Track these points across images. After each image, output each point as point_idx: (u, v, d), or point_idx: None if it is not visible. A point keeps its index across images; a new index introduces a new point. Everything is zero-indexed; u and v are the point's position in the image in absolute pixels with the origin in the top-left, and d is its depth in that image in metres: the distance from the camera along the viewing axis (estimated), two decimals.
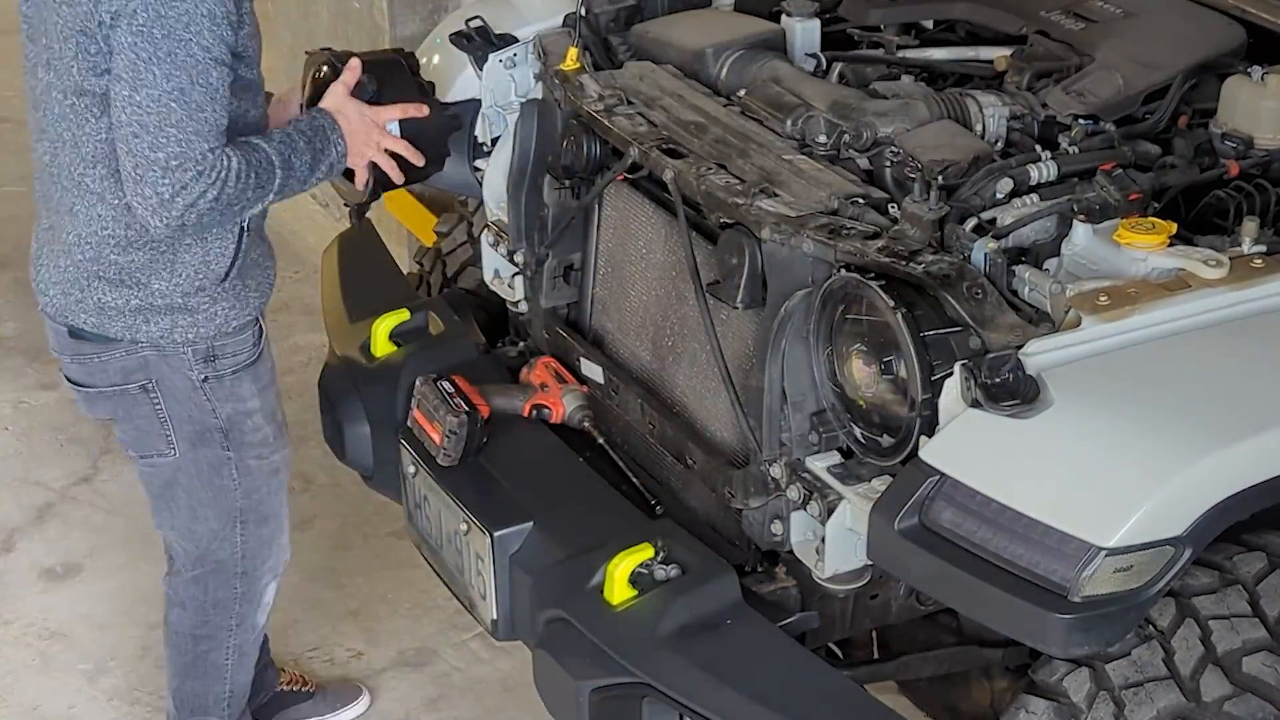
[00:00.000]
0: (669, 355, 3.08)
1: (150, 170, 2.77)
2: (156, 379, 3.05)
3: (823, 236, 2.63)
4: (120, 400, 3.09)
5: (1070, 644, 2.36)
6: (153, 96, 2.74)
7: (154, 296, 2.97)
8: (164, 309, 2.98)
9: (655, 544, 2.79)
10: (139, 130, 2.76)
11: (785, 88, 3.03)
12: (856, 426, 2.65)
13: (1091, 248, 2.60)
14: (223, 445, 3.12)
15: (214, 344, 3.04)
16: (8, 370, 5.02)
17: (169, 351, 3.02)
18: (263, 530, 3.24)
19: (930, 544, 2.42)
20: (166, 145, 2.75)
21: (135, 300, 2.97)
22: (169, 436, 3.11)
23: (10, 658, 3.94)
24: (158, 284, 2.97)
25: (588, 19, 3.32)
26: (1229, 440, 2.33)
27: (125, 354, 3.03)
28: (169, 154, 2.76)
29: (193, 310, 2.99)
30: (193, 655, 3.35)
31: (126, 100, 2.76)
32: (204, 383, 3.06)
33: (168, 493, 3.20)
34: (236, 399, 3.10)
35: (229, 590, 3.28)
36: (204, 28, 2.75)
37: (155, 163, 2.76)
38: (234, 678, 3.38)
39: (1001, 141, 2.89)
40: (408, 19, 5.11)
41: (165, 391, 3.06)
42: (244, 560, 3.25)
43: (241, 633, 3.34)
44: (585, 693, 2.70)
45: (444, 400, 3.08)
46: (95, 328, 3.00)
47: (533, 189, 3.26)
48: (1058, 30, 3.17)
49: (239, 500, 3.18)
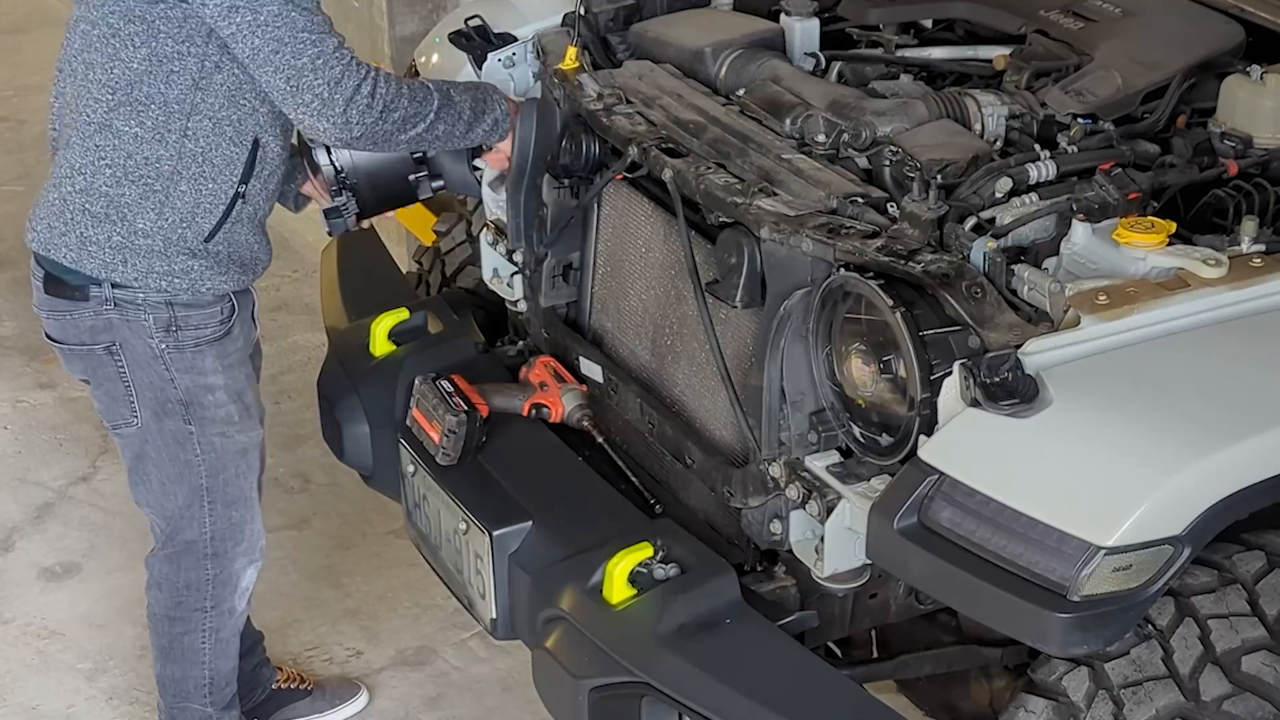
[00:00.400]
0: (668, 354, 3.08)
1: (302, 76, 2.87)
2: (120, 342, 3.09)
3: (822, 236, 2.63)
4: (89, 360, 3.13)
5: (1069, 643, 2.36)
6: (273, 12, 2.84)
7: (136, 235, 3.00)
8: (143, 250, 3.01)
9: (654, 543, 2.79)
10: (277, 46, 2.86)
11: (784, 87, 3.03)
12: (855, 426, 2.65)
13: (1090, 247, 2.60)
14: (184, 418, 3.14)
15: (176, 314, 3.06)
16: (6, 369, 5.02)
17: (131, 316, 3.05)
18: (231, 513, 3.25)
19: (929, 543, 2.42)
20: (306, 49, 2.86)
21: (117, 236, 3.01)
22: (133, 403, 3.14)
23: (9, 657, 3.94)
24: (142, 222, 2.99)
25: (587, 18, 3.33)
26: (1228, 439, 2.33)
27: (93, 314, 3.07)
28: (312, 55, 2.87)
29: (169, 258, 3.02)
30: (169, 638, 3.36)
31: (251, 25, 2.85)
32: (164, 351, 3.08)
33: (139, 466, 3.22)
34: (196, 372, 3.11)
35: (200, 572, 3.28)
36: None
37: (303, 68, 2.87)
38: (213, 663, 3.38)
39: (1000, 141, 2.89)
40: (407, 18, 5.11)
41: (129, 356, 3.10)
42: (213, 541, 3.26)
43: (217, 616, 3.34)
44: (584, 692, 2.70)
45: (443, 399, 3.08)
46: (74, 263, 3.04)
47: (532, 188, 3.26)
48: (1056, 29, 3.17)
49: (203, 477, 3.19)
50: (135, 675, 3.87)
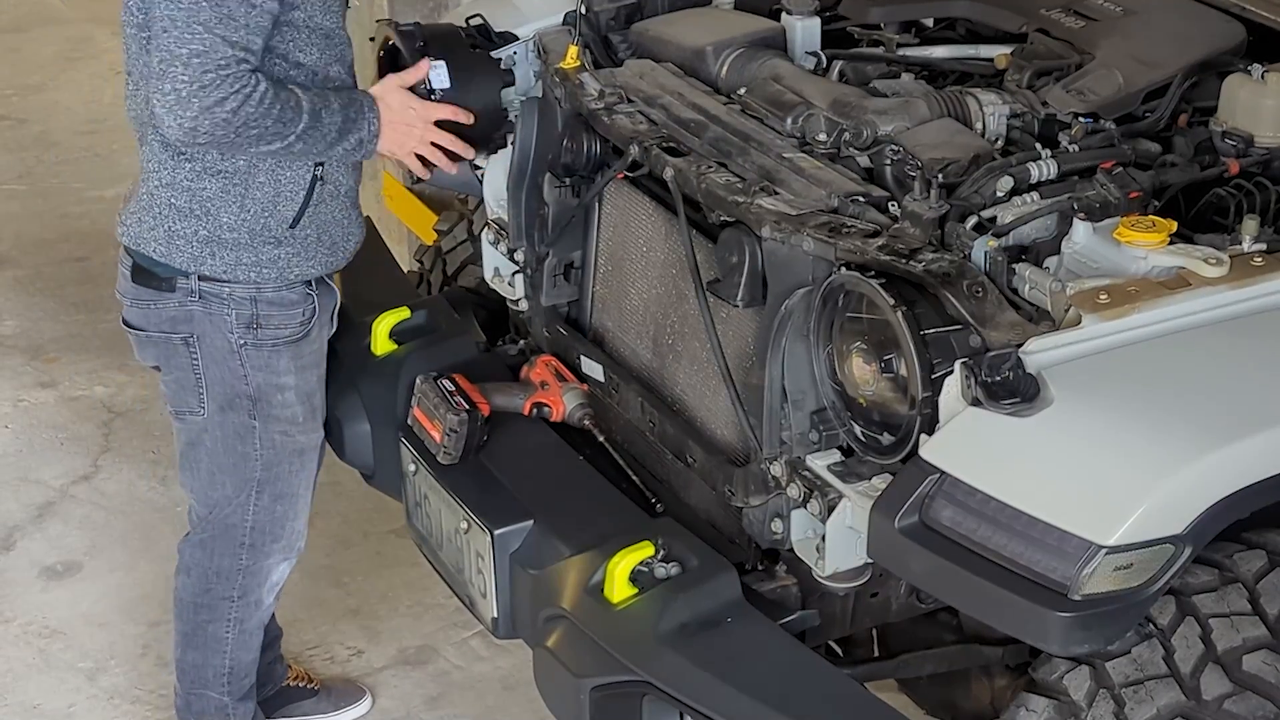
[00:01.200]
0: (669, 353, 3.08)
1: (173, 65, 2.82)
2: (199, 335, 3.11)
3: (823, 235, 2.63)
4: (164, 348, 3.15)
5: (1070, 642, 2.36)
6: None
7: (221, 229, 3.03)
8: (230, 243, 3.04)
9: (655, 542, 2.79)
10: (168, 24, 2.81)
11: (785, 86, 3.03)
12: (857, 425, 2.65)
13: (1092, 246, 2.60)
14: (249, 413, 3.17)
15: (259, 311, 3.09)
16: (7, 368, 5.02)
17: (215, 310, 3.08)
18: (276, 506, 3.26)
19: (930, 542, 2.42)
20: (190, 42, 2.81)
21: (204, 230, 3.03)
22: (201, 395, 3.16)
23: (10, 656, 3.94)
24: (226, 216, 3.02)
25: (588, 17, 3.33)
26: (1229, 438, 2.33)
27: (177, 305, 3.10)
28: (191, 50, 2.81)
29: (256, 249, 3.05)
30: (194, 624, 3.37)
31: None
32: (241, 348, 3.11)
33: (190, 453, 3.24)
34: (270, 371, 3.14)
35: (233, 560, 3.30)
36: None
37: (178, 58, 2.81)
38: (234, 653, 3.39)
39: (1002, 140, 2.89)
40: (408, 16, 5.10)
41: (205, 349, 3.12)
42: (252, 532, 3.27)
43: (243, 606, 3.35)
44: (585, 691, 2.70)
45: (444, 398, 3.08)
46: (163, 256, 3.06)
47: (533, 187, 3.26)
48: (1058, 28, 3.17)
49: (258, 471, 3.22)
50: (136, 674, 3.88)
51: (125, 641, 3.97)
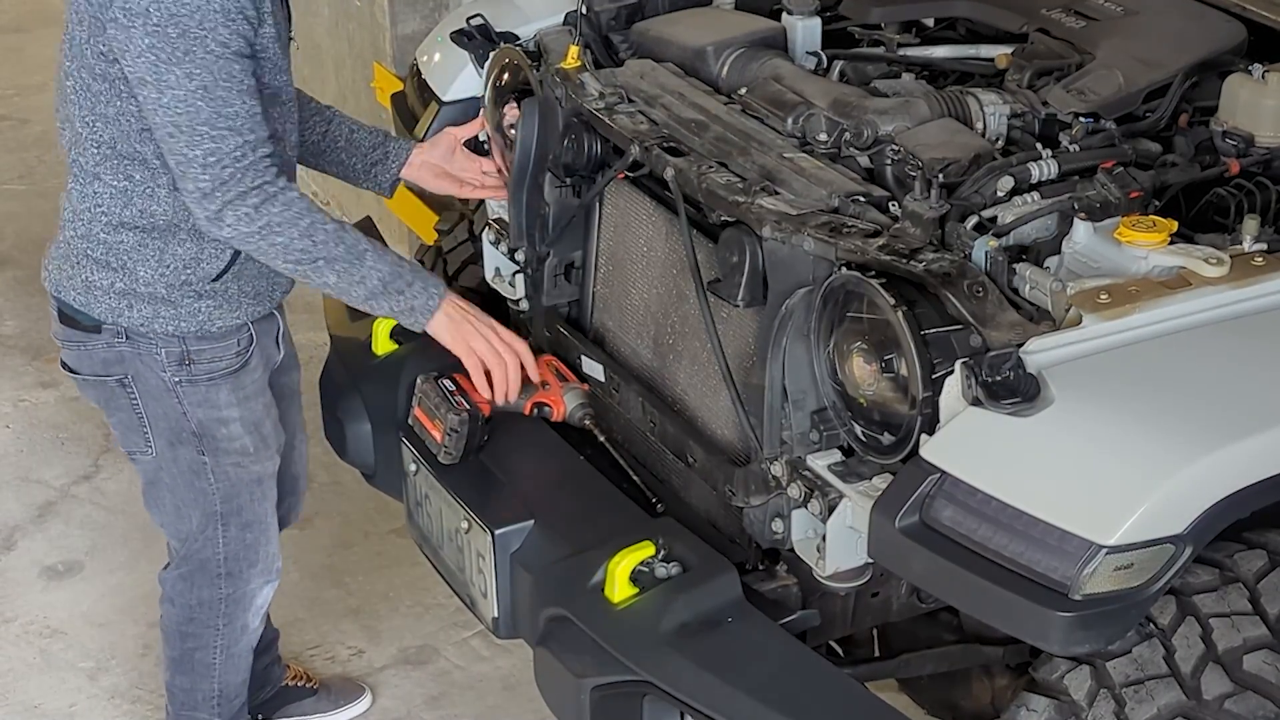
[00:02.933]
0: (670, 353, 3.08)
1: (190, 166, 2.80)
2: (133, 375, 3.06)
3: (823, 234, 2.63)
4: (101, 390, 3.11)
5: (1071, 642, 2.36)
6: (178, 97, 2.76)
7: (138, 283, 2.97)
8: (147, 297, 2.98)
9: (656, 542, 2.79)
10: (174, 131, 2.78)
11: (786, 86, 3.03)
12: (857, 424, 2.65)
13: (1092, 246, 2.60)
14: (197, 449, 3.11)
15: (189, 347, 3.02)
16: (8, 368, 5.02)
17: (143, 350, 3.02)
18: (246, 535, 3.23)
19: (931, 542, 2.42)
20: (201, 143, 2.78)
21: (120, 283, 2.97)
22: (146, 434, 3.11)
23: (11, 656, 3.95)
24: (143, 271, 2.96)
25: (589, 17, 3.32)
26: (1230, 438, 2.33)
27: (106, 346, 3.04)
28: (204, 150, 2.78)
29: (175, 303, 2.99)
30: (181, 650, 3.36)
31: (155, 103, 2.77)
32: (177, 385, 3.05)
33: (152, 490, 3.22)
34: (210, 405, 3.08)
35: (214, 590, 3.27)
36: (218, 22, 2.75)
37: (194, 160, 2.79)
38: (223, 677, 3.37)
39: (1002, 139, 2.89)
40: (409, 17, 5.12)
41: (141, 389, 3.07)
42: (227, 562, 3.24)
43: (229, 634, 3.33)
44: (586, 691, 2.70)
45: (445, 398, 3.08)
46: (82, 305, 3.01)
47: (533, 187, 3.26)
48: (1058, 28, 3.17)
49: (217, 504, 3.18)
50: (137, 674, 3.88)
51: (126, 641, 3.98)
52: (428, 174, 3.31)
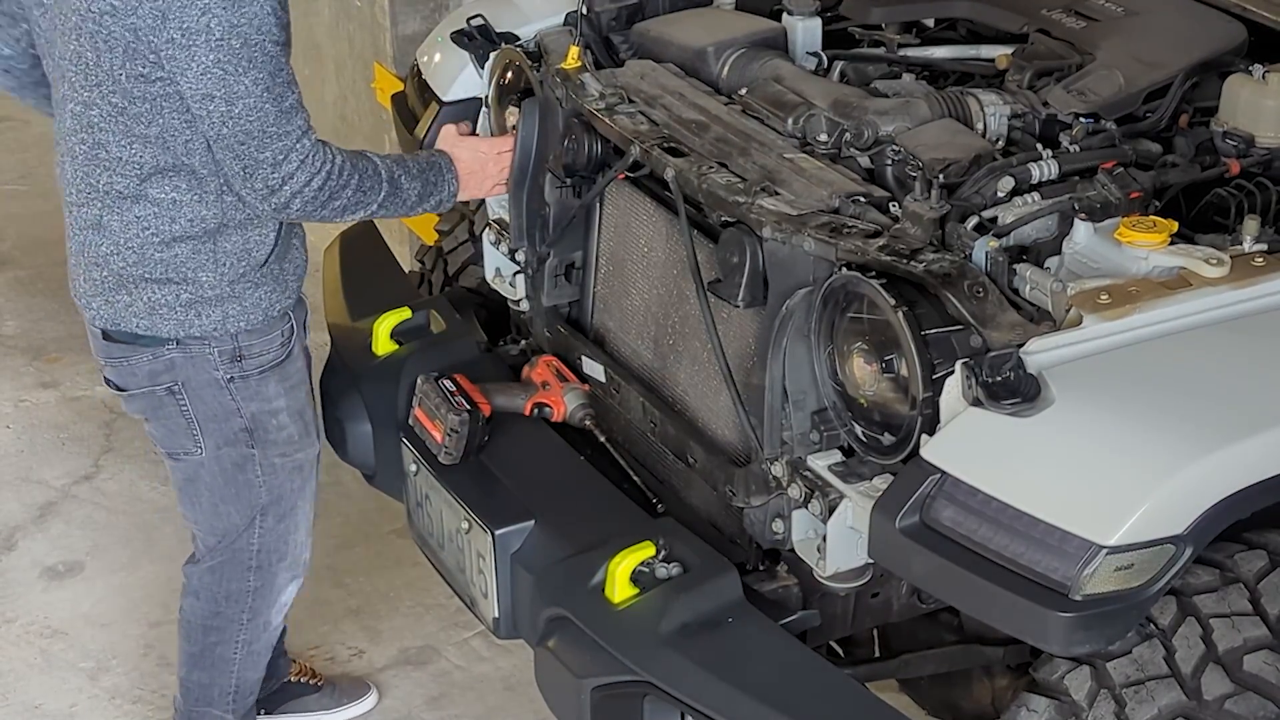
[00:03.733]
0: (670, 354, 3.08)
1: (260, 168, 2.87)
2: (182, 381, 3.08)
3: (824, 235, 2.63)
4: (148, 400, 3.13)
5: (1071, 642, 2.36)
6: (249, 105, 2.82)
7: (203, 288, 3.01)
8: (214, 300, 3.02)
9: (657, 542, 2.79)
10: (244, 138, 2.85)
11: (786, 86, 3.03)
12: (858, 425, 2.65)
13: (1093, 246, 2.60)
14: (248, 444, 3.15)
15: (241, 344, 3.07)
16: (9, 369, 5.02)
17: (196, 353, 3.05)
18: (280, 526, 3.26)
19: (931, 542, 2.42)
20: (270, 144, 2.86)
21: (185, 294, 3.01)
22: (195, 435, 3.14)
23: (12, 656, 3.94)
24: (205, 275, 3.01)
25: (589, 17, 3.33)
26: (1230, 439, 2.33)
27: (152, 357, 3.07)
28: (274, 151, 2.86)
29: (239, 297, 3.04)
30: (202, 645, 3.36)
31: (225, 115, 2.83)
32: (229, 382, 3.09)
33: (190, 488, 3.23)
34: (262, 398, 3.12)
35: (243, 583, 3.29)
36: (270, 24, 2.82)
37: (264, 161, 2.87)
38: (241, 673, 3.39)
39: (1003, 140, 2.89)
40: (409, 17, 5.12)
41: (191, 393, 3.10)
42: (259, 554, 3.26)
43: (252, 628, 3.35)
44: (587, 691, 2.70)
45: (445, 399, 3.08)
46: (148, 329, 3.04)
47: (534, 187, 3.26)
48: (1059, 29, 3.17)
49: (263, 497, 3.21)
50: (138, 674, 3.88)
51: (127, 641, 3.98)
52: None
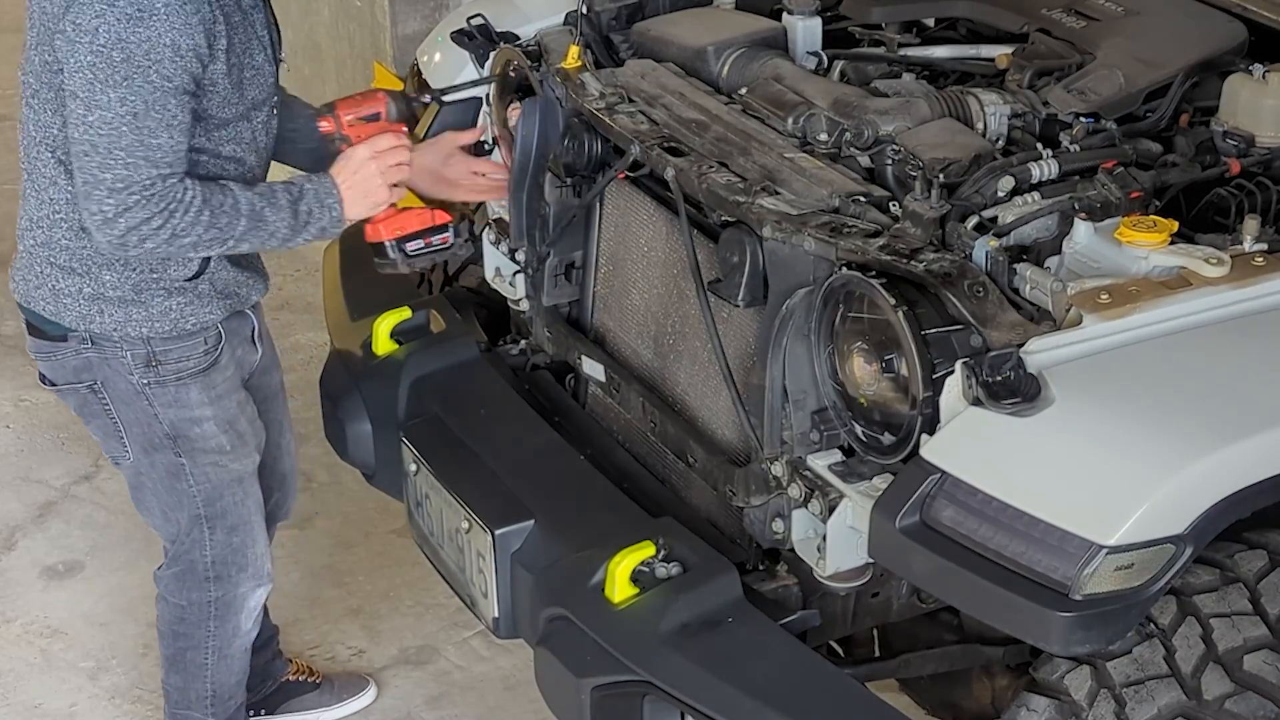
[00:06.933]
0: (670, 353, 3.08)
1: (96, 189, 2.76)
2: (102, 380, 3.04)
3: (824, 235, 2.63)
4: (76, 398, 3.10)
5: (1071, 642, 2.36)
6: (105, 119, 2.73)
7: (104, 287, 2.95)
8: (116, 300, 2.96)
9: (656, 542, 2.79)
10: (89, 150, 2.75)
11: (786, 86, 3.03)
12: (858, 424, 2.65)
13: (1093, 246, 2.60)
14: (174, 451, 3.10)
15: (155, 349, 3.00)
16: (9, 368, 5.02)
17: (109, 354, 3.01)
18: (232, 538, 3.22)
19: (931, 542, 2.42)
20: (113, 168, 2.75)
21: (87, 289, 2.95)
22: (122, 439, 3.11)
23: (11, 656, 3.94)
24: (108, 275, 2.94)
25: (589, 17, 3.33)
26: (1230, 438, 2.33)
27: (74, 353, 3.03)
28: (115, 175, 2.75)
29: (145, 303, 2.96)
30: (173, 650, 3.36)
31: (80, 119, 2.75)
32: (146, 387, 3.03)
33: (138, 494, 3.22)
34: (182, 405, 3.06)
35: (202, 593, 3.27)
36: (165, 57, 2.72)
37: (102, 183, 2.76)
38: (215, 678, 3.37)
39: (1003, 139, 2.89)
40: (409, 16, 5.12)
41: (112, 394, 3.06)
42: (214, 565, 3.23)
43: (221, 635, 3.32)
44: (587, 691, 2.70)
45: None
46: (52, 314, 3.00)
47: (534, 187, 3.26)
48: (1059, 28, 3.17)
49: (200, 506, 3.17)
50: (138, 674, 3.88)
51: (126, 641, 3.98)
52: (423, 179, 3.29)
